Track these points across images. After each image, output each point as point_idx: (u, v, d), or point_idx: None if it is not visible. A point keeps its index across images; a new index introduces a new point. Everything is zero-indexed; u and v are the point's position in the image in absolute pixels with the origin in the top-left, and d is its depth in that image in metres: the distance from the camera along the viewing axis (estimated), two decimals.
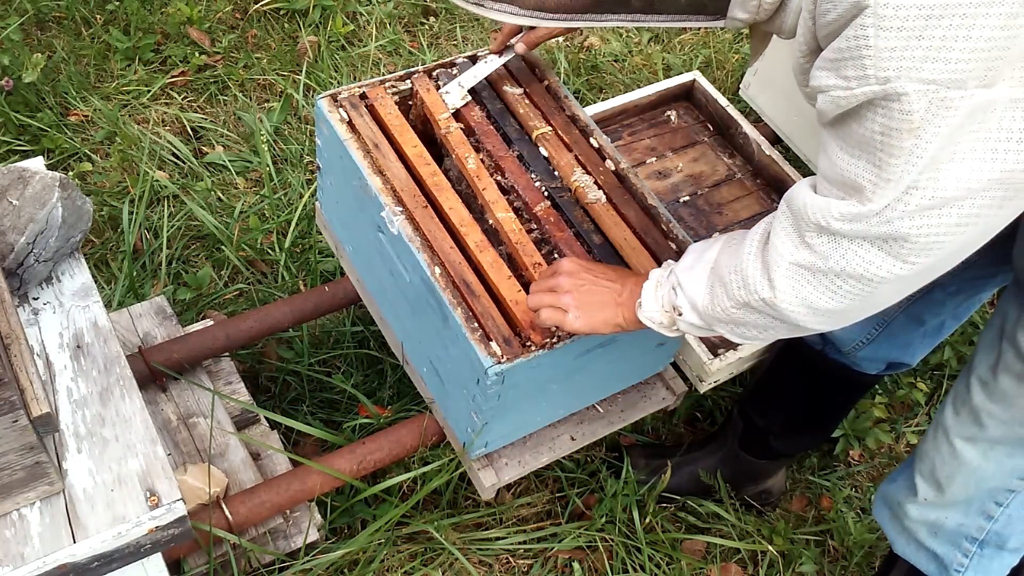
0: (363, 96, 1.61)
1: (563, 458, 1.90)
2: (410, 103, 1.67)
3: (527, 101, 1.66)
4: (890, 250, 0.99)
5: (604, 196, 1.55)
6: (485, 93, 1.65)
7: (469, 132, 1.61)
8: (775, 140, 2.47)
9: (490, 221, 1.52)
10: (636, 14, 1.03)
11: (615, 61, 2.94)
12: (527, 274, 1.45)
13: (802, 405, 1.84)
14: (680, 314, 1.21)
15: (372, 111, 1.59)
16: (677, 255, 1.50)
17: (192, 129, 2.57)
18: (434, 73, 1.67)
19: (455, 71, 1.67)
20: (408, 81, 1.65)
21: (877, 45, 0.87)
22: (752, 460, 1.94)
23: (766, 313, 1.11)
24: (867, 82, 0.90)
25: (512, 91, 1.66)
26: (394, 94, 1.63)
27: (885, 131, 0.92)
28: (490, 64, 1.64)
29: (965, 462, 1.39)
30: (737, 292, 1.12)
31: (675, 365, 1.85)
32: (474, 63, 1.66)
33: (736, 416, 1.94)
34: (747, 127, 2.31)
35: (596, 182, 1.57)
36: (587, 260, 1.37)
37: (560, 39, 2.92)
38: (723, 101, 2.35)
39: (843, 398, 1.84)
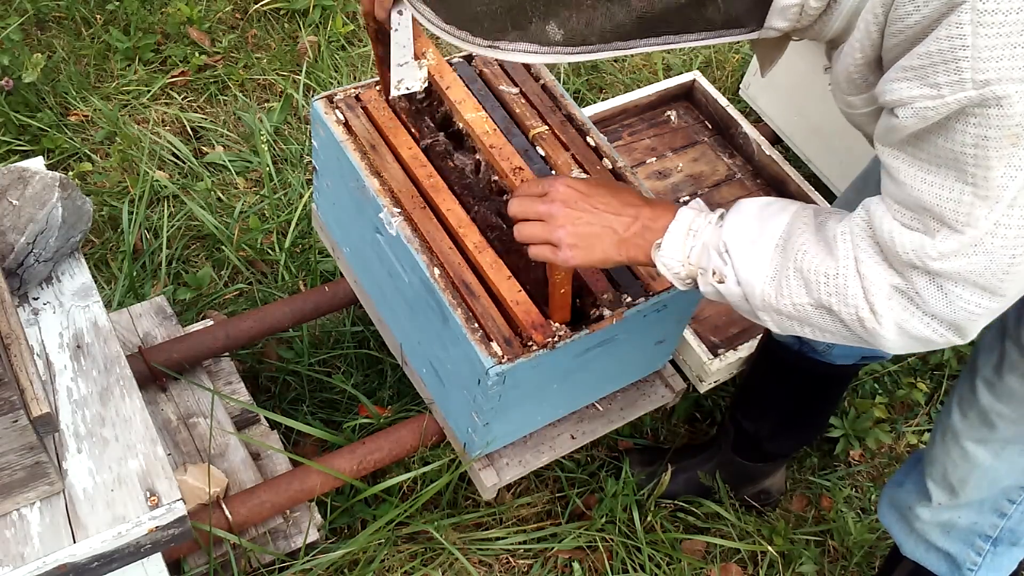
0: (357, 98, 1.61)
1: (563, 458, 1.90)
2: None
3: (523, 100, 1.66)
4: (987, 284, 0.94)
5: None
6: (482, 93, 1.65)
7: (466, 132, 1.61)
8: (775, 140, 2.47)
9: (459, 125, 1.40)
10: (666, 36, 0.93)
11: (615, 61, 2.94)
12: (507, 181, 1.33)
13: (788, 406, 1.84)
14: (722, 281, 1.11)
15: (367, 112, 1.59)
16: None
17: (192, 129, 2.57)
18: None
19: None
20: None
21: (976, 44, 0.80)
22: (748, 464, 1.94)
23: (850, 326, 1.04)
24: (962, 87, 0.82)
25: (508, 91, 1.66)
26: None
27: (979, 142, 0.84)
28: (401, 29, 1.32)
29: (978, 464, 1.37)
30: (826, 298, 1.04)
31: (674, 364, 1.85)
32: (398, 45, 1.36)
33: (727, 423, 1.94)
34: (747, 127, 2.31)
35: None
36: (584, 183, 1.21)
37: None
38: (723, 101, 2.35)
39: (826, 393, 1.84)
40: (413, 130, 1.54)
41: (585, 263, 1.19)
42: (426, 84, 1.33)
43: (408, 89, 1.32)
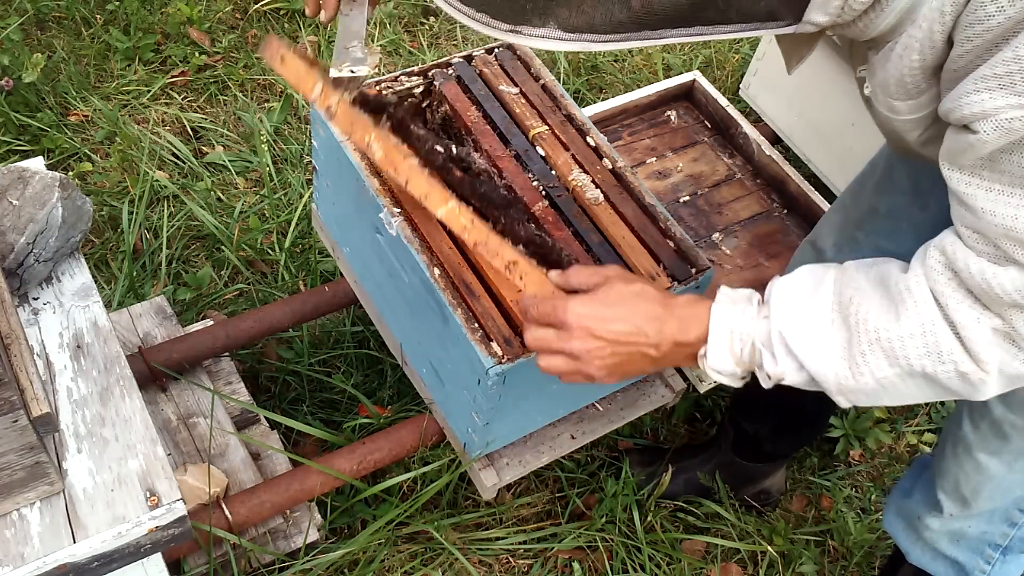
0: None
1: (563, 458, 1.90)
2: (406, 103, 1.67)
3: (523, 100, 1.66)
4: None
5: (602, 195, 1.56)
6: (482, 93, 1.65)
7: (467, 132, 1.61)
8: (775, 140, 2.47)
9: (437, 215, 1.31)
10: (699, 26, 0.86)
11: (615, 61, 2.94)
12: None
13: (788, 407, 1.83)
14: (783, 378, 1.05)
15: None
16: (675, 253, 1.50)
17: (192, 129, 2.57)
18: (430, 73, 1.67)
19: (450, 71, 1.67)
20: (401, 80, 1.65)
21: None
22: (747, 464, 1.94)
23: (947, 386, 0.96)
24: None
25: (508, 90, 1.66)
26: (388, 95, 1.63)
27: None
28: (356, 15, 1.24)
29: (991, 476, 1.34)
30: (916, 361, 0.95)
31: None
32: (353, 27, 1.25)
33: (727, 424, 1.94)
34: (747, 127, 2.31)
35: (594, 181, 1.57)
36: (596, 303, 1.08)
37: None
38: (723, 101, 2.35)
39: (827, 395, 1.83)
40: (417, 130, 1.37)
41: (615, 380, 1.12)
42: (375, 70, 1.23)
43: (352, 72, 1.19)
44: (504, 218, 1.32)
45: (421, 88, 1.67)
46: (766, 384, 1.07)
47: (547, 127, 1.62)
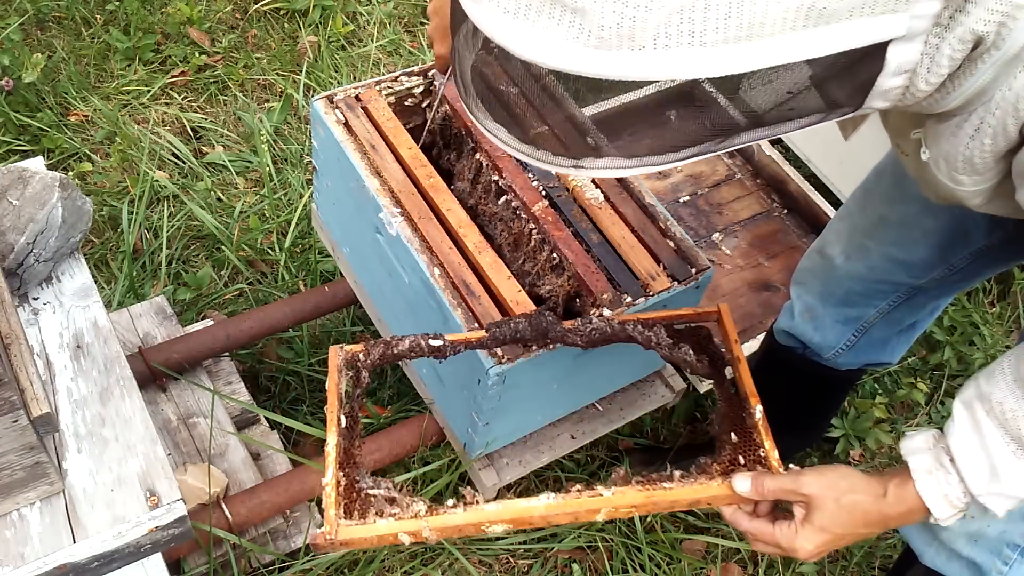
0: (357, 98, 1.61)
1: (563, 458, 1.90)
2: (406, 103, 1.67)
3: None
4: None
5: (602, 195, 1.56)
6: None
7: (467, 132, 1.61)
8: (775, 140, 2.47)
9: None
10: (760, 129, 0.85)
11: None
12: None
13: (790, 408, 1.83)
14: (1012, 509, 1.11)
15: (367, 112, 1.60)
16: (675, 253, 1.50)
17: (192, 129, 2.57)
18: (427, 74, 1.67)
19: (450, 70, 1.67)
20: (401, 80, 1.65)
21: None
22: None
23: None
24: None
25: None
26: (388, 95, 1.63)
27: None
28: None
29: None
30: None
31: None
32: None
33: None
34: None
35: (593, 181, 1.57)
36: (817, 532, 1.13)
37: None
38: None
39: (828, 396, 1.83)
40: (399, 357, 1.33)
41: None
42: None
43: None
44: (550, 343, 1.35)
45: (421, 88, 1.67)
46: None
47: None
